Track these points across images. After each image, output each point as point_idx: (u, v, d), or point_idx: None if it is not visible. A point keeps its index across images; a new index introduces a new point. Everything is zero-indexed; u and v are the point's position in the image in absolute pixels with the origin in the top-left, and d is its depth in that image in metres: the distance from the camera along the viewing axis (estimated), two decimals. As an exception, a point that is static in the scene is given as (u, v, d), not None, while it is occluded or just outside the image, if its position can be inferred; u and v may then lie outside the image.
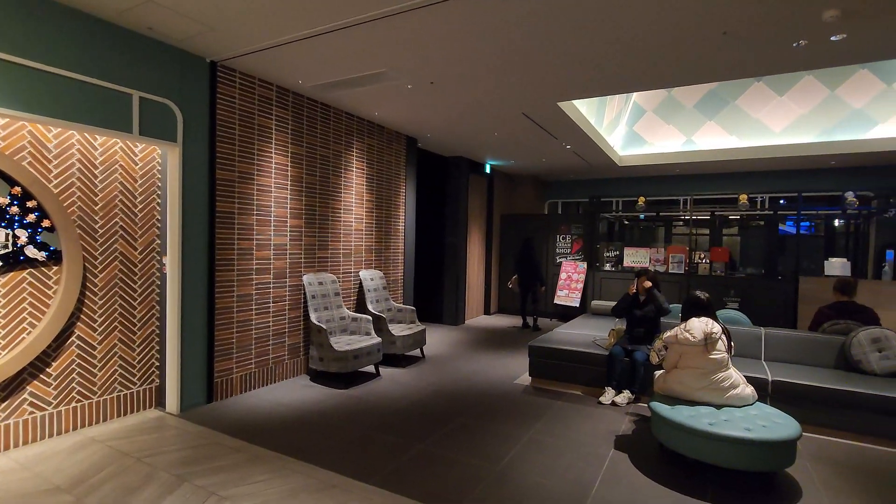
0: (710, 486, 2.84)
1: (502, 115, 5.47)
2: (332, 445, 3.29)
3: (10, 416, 3.06)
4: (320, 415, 3.86)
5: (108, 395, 3.57)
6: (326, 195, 5.23)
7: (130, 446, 3.18)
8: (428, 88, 4.58)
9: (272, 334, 4.61)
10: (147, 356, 3.81)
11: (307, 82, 4.48)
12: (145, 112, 3.50)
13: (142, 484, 2.70)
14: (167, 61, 3.65)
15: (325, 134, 5.19)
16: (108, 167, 3.53)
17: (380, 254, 6.18)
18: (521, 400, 4.34)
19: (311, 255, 5.05)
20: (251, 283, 4.37)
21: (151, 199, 3.80)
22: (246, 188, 4.30)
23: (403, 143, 6.60)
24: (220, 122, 4.04)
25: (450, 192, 8.12)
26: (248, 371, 4.37)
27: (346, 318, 5.14)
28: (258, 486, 2.71)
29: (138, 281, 3.73)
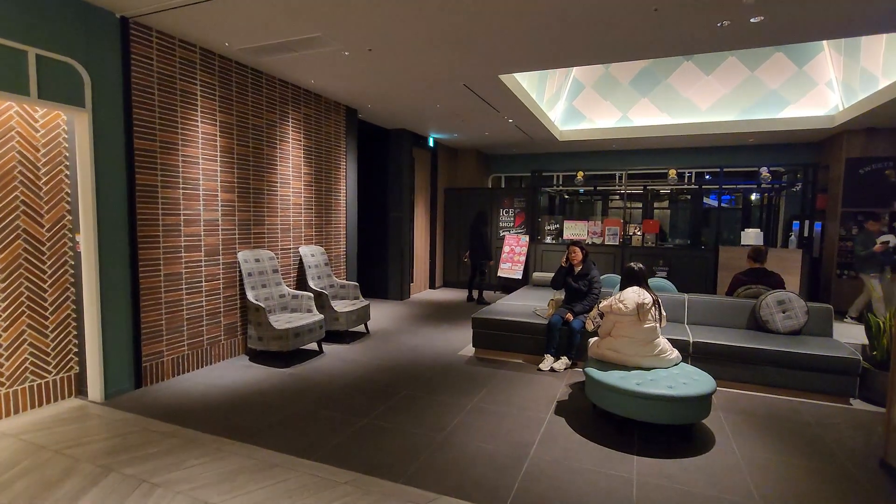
0: (637, 441, 3.06)
1: (444, 86, 5.39)
2: (272, 425, 3.22)
3: None
4: (260, 394, 3.76)
5: (19, 386, 3.27)
6: (261, 168, 4.97)
7: (47, 438, 2.95)
8: (366, 56, 4.41)
9: (206, 314, 4.39)
10: (63, 342, 3.51)
11: (234, 45, 4.17)
12: (44, 72, 3.12)
13: (62, 477, 2.52)
14: (69, 15, 3.25)
15: (256, 102, 4.89)
16: (5, 135, 3.13)
17: (320, 229, 6.00)
18: (464, 370, 4.44)
19: (245, 231, 4.81)
20: (180, 261, 4.11)
21: (59, 171, 3.44)
22: (170, 159, 3.99)
23: (343, 114, 6.37)
24: (136, 86, 3.69)
25: (392, 165, 7.98)
26: (180, 353, 4.15)
27: (286, 295, 4.98)
28: (193, 471, 2.61)
29: (47, 261, 3.40)
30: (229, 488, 2.45)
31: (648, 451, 2.93)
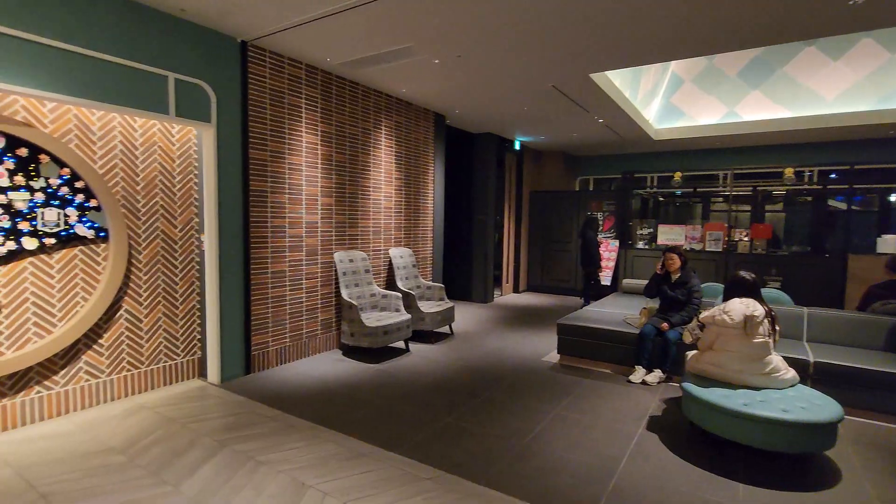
0: (742, 466, 2.79)
1: (531, 88, 5.34)
2: (361, 416, 3.40)
3: (69, 382, 3.30)
4: (351, 387, 3.98)
5: (155, 366, 3.79)
6: (356, 173, 5.28)
7: (176, 413, 3.38)
8: (455, 63, 4.51)
9: (305, 310, 4.75)
10: (189, 329, 4.01)
11: (335, 60, 4.48)
12: (180, 93, 3.60)
13: (187, 447, 2.88)
14: (200, 42, 3.72)
15: (353, 112, 5.21)
16: (148, 148, 3.66)
17: (409, 231, 6.23)
18: (548, 377, 4.35)
19: (341, 233, 5.14)
20: (284, 260, 4.50)
21: (189, 179, 3.94)
22: (278, 167, 4.38)
23: (431, 120, 6.56)
24: (251, 102, 4.11)
25: (478, 168, 8.05)
26: (283, 345, 4.53)
27: (377, 294, 5.24)
28: (292, 453, 2.84)
29: (179, 258, 3.90)
30: (322, 472, 2.63)
31: (757, 480, 2.65)
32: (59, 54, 2.96)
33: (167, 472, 2.59)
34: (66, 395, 3.29)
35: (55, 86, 2.95)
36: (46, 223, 3.12)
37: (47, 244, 3.13)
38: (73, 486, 2.45)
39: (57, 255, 3.21)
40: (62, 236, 3.20)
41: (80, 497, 2.35)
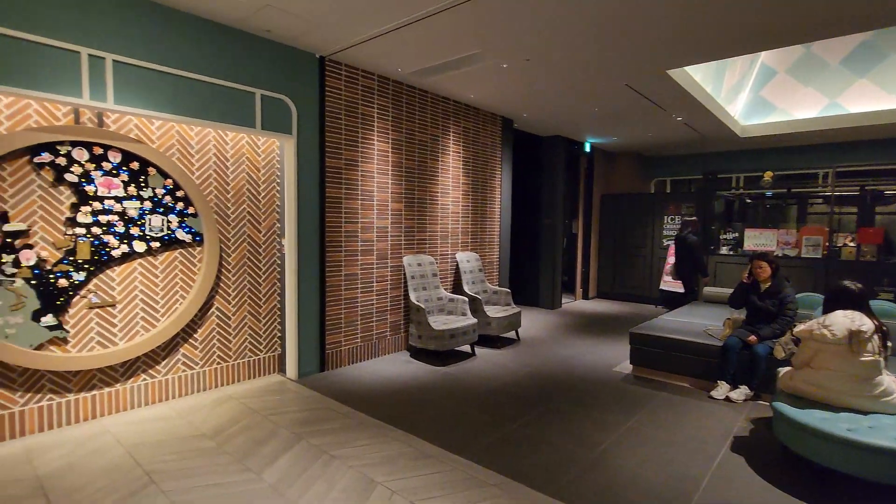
0: (846, 498, 2.50)
1: (603, 88, 5.17)
2: (428, 418, 3.45)
3: (169, 372, 3.66)
4: (418, 389, 4.06)
5: (241, 360, 4.10)
6: (424, 179, 5.40)
7: (259, 405, 3.63)
8: (523, 66, 4.47)
9: (375, 311, 4.92)
10: (271, 327, 4.30)
11: (405, 69, 4.62)
12: (266, 108, 3.89)
13: (267, 438, 3.09)
14: (282, 60, 3.99)
15: (422, 119, 5.33)
16: (238, 160, 3.99)
17: (475, 236, 6.25)
18: (620, 388, 4.17)
19: (410, 238, 5.27)
20: (356, 263, 4.69)
21: (272, 187, 4.24)
22: (351, 174, 4.59)
23: (499, 125, 6.55)
24: (328, 114, 4.35)
25: (546, 172, 7.91)
26: (354, 345, 4.73)
27: (444, 298, 5.31)
28: (363, 450, 2.95)
29: (262, 260, 4.20)
30: (390, 470, 2.70)
31: (862, 515, 2.37)
32: (165, 78, 3.31)
33: (250, 460, 2.79)
34: (166, 383, 3.65)
35: (162, 106, 3.30)
36: (153, 228, 3.49)
37: (153, 247, 3.51)
38: (172, 466, 2.72)
39: (160, 257, 3.58)
40: (165, 240, 3.56)
41: (178, 477, 2.60)
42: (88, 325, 3.25)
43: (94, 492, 2.45)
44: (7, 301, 2.90)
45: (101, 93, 3.03)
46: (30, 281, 2.99)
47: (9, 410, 2.96)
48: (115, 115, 3.27)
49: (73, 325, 3.18)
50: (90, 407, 3.28)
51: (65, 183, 3.11)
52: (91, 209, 3.21)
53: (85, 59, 2.95)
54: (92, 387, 3.29)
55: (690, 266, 6.59)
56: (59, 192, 3.10)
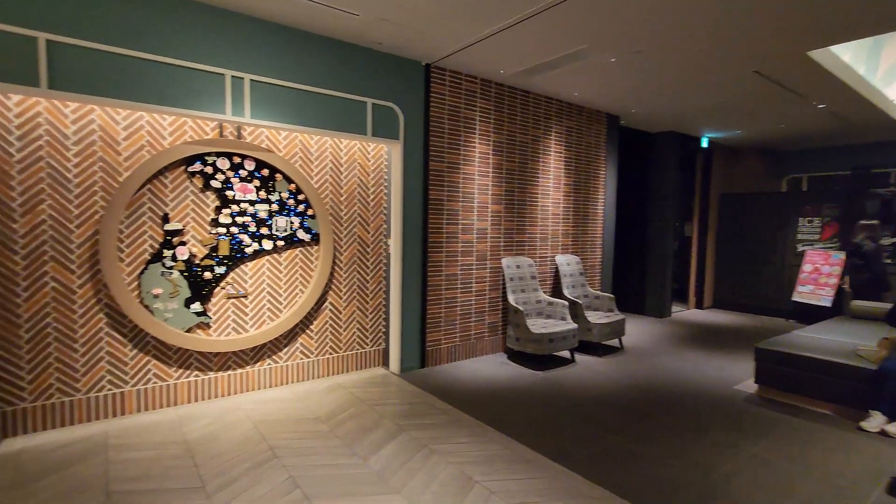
0: None
1: (726, 77, 4.69)
2: (526, 422, 3.41)
3: (289, 359, 4.05)
4: (516, 392, 4.03)
5: (350, 352, 4.40)
6: (524, 180, 5.35)
7: (365, 395, 3.87)
8: (634, 59, 4.23)
9: (474, 312, 4.98)
10: (376, 322, 4.55)
11: (508, 70, 4.61)
12: (376, 116, 4.13)
13: (373, 427, 3.28)
14: (391, 70, 4.21)
15: (524, 120, 5.28)
16: (350, 165, 4.29)
17: (577, 238, 6.04)
18: (741, 409, 3.76)
19: (509, 239, 5.25)
20: (456, 264, 4.79)
21: (380, 190, 4.49)
22: (453, 177, 4.70)
23: (604, 122, 6.26)
24: (432, 118, 4.50)
25: (655, 171, 7.39)
26: (453, 344, 4.83)
27: (542, 301, 5.21)
28: (461, 447, 3.00)
29: (370, 259, 4.47)
30: (489, 471, 2.71)
31: None
32: (291, 93, 3.67)
33: (358, 446, 2.99)
34: (286, 369, 4.04)
35: (289, 118, 3.67)
36: (278, 228, 3.89)
37: (278, 245, 3.91)
38: (291, 443, 3.00)
39: (284, 255, 3.97)
40: (288, 239, 3.95)
41: (296, 454, 2.87)
42: (226, 314, 3.72)
43: (230, 459, 2.79)
44: (167, 289, 3.43)
45: (240, 109, 3.45)
46: (183, 273, 3.49)
47: (166, 383, 3.49)
48: (251, 127, 3.70)
49: (214, 312, 3.66)
50: (226, 385, 3.75)
51: (211, 189, 3.59)
52: (230, 211, 3.66)
53: (228, 80, 3.38)
54: (228, 367, 3.75)
55: (869, 278, 5.64)
56: (206, 196, 3.58)
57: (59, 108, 3.03)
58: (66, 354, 3.13)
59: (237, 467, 2.70)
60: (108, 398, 3.28)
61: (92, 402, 3.23)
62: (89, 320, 3.20)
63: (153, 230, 3.39)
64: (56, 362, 3.10)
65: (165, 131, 3.39)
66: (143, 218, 3.34)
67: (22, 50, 2.72)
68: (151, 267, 3.37)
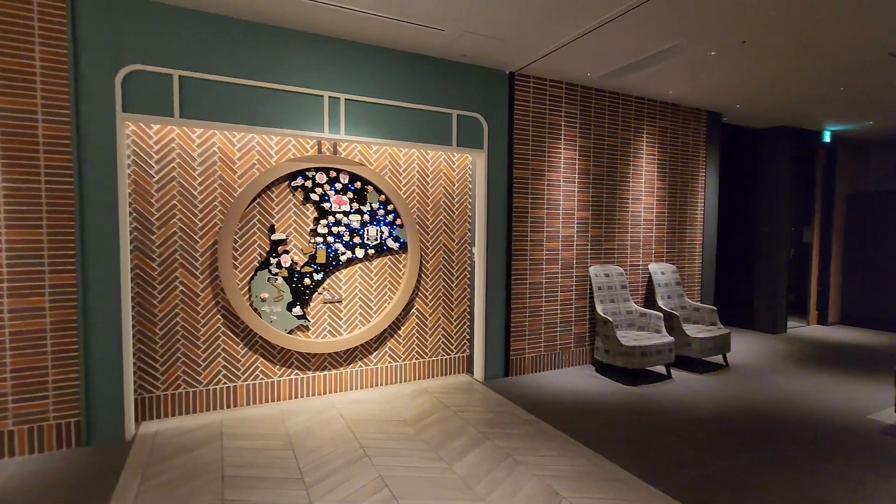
0: None
1: (853, 62, 4.14)
2: (615, 438, 3.24)
3: (378, 362, 4.24)
4: (604, 406, 3.85)
5: (435, 358, 4.50)
6: (613, 185, 5.12)
7: (449, 401, 3.93)
8: (738, 50, 3.89)
9: (559, 322, 4.85)
10: (461, 330, 4.61)
11: (595, 73, 4.47)
12: (461, 126, 4.22)
13: (457, 432, 3.31)
14: (475, 80, 4.28)
15: (612, 123, 5.08)
16: (435, 175, 4.41)
17: (672, 246, 5.65)
18: (877, 442, 3.25)
19: (597, 247, 5.06)
20: (541, 272, 4.71)
21: (465, 199, 4.56)
22: (537, 184, 4.64)
23: (703, 121, 5.81)
24: (516, 126, 4.49)
25: (765, 170, 6.69)
26: (537, 353, 4.74)
27: (634, 312, 4.93)
28: (547, 460, 2.93)
29: (455, 267, 4.55)
30: (576, 487, 2.62)
31: None
32: (381, 109, 3.88)
33: (443, 451, 3.04)
34: (376, 371, 4.23)
35: (379, 133, 3.87)
36: (369, 238, 4.11)
37: (369, 254, 4.12)
38: (380, 443, 3.13)
39: (374, 263, 4.18)
40: (378, 248, 4.15)
41: (385, 454, 2.98)
42: (322, 317, 3.99)
43: (326, 454, 2.98)
44: (272, 294, 3.76)
45: (336, 126, 3.71)
46: (287, 279, 3.81)
47: (270, 379, 3.82)
48: (345, 143, 3.96)
49: (312, 316, 3.94)
50: (322, 384, 4.01)
51: (310, 201, 3.89)
52: (327, 222, 3.94)
53: (326, 101, 3.65)
54: (324, 368, 4.01)
55: None
56: (306, 208, 3.88)
57: (188, 134, 3.48)
58: (191, 350, 3.56)
59: (332, 462, 2.87)
60: (223, 391, 3.66)
61: (210, 394, 3.62)
62: (210, 320, 3.60)
63: (261, 240, 3.74)
64: (183, 357, 3.53)
65: (272, 150, 3.74)
66: (254, 229, 3.71)
67: (161, 86, 3.17)
68: (260, 273, 3.72)
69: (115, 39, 3.03)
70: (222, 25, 3.32)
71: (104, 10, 3.01)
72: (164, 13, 3.15)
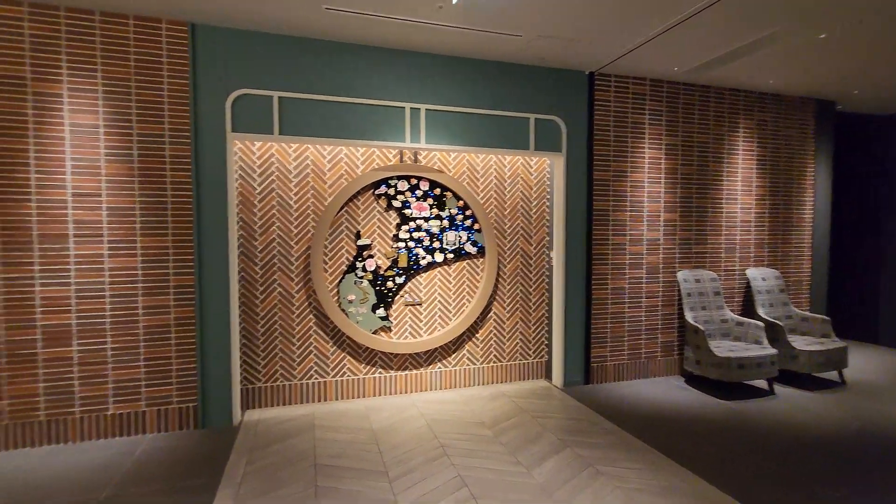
0: None
1: None
2: (709, 456, 3.04)
3: (457, 364, 4.33)
4: (694, 420, 3.61)
5: (512, 362, 4.50)
6: (705, 185, 4.80)
7: (527, 405, 3.91)
8: (855, 29, 3.49)
9: (644, 329, 4.63)
10: (539, 335, 4.57)
11: (682, 67, 4.23)
12: (538, 130, 4.20)
13: (536, 438, 3.29)
14: (553, 83, 4.23)
15: (702, 118, 4.76)
16: (513, 180, 4.43)
17: (774, 248, 5.16)
18: None
19: (686, 251, 4.76)
20: (623, 277, 4.53)
21: (542, 203, 4.52)
22: (619, 185, 4.48)
23: (811, 111, 5.25)
24: (596, 127, 4.37)
25: (891, 161, 5.87)
26: (620, 361, 4.55)
27: (729, 321, 4.57)
28: (630, 473, 2.82)
29: (532, 271, 4.52)
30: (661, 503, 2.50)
31: None
32: (459, 117, 3.97)
33: (521, 455, 3.04)
34: (454, 373, 4.32)
35: (458, 141, 3.97)
36: (448, 242, 4.22)
37: (448, 258, 4.23)
38: (459, 444, 3.20)
39: (453, 267, 4.28)
40: (457, 252, 4.24)
41: (464, 454, 3.05)
42: (403, 319, 4.16)
43: (408, 450, 3.11)
44: (358, 296, 4.00)
45: (417, 136, 3.87)
46: (371, 282, 4.03)
47: (356, 377, 4.05)
48: (425, 151, 4.11)
49: (395, 317, 4.13)
50: (403, 383, 4.18)
51: (392, 208, 4.08)
52: (408, 228, 4.11)
53: (407, 112, 3.82)
54: (405, 368, 4.18)
55: None
56: (388, 215, 4.08)
57: (285, 149, 3.81)
58: (287, 347, 3.88)
59: (413, 459, 2.99)
60: (314, 385, 3.95)
61: (303, 388, 3.93)
62: (303, 319, 3.91)
63: (348, 245, 3.99)
64: (280, 352, 3.87)
65: (359, 161, 3.98)
66: (342, 235, 3.97)
67: (263, 107, 3.51)
68: (347, 276, 3.97)
69: (225, 68, 3.42)
70: (312, 48, 3.60)
71: (217, 44, 3.40)
72: (264, 41, 3.50)
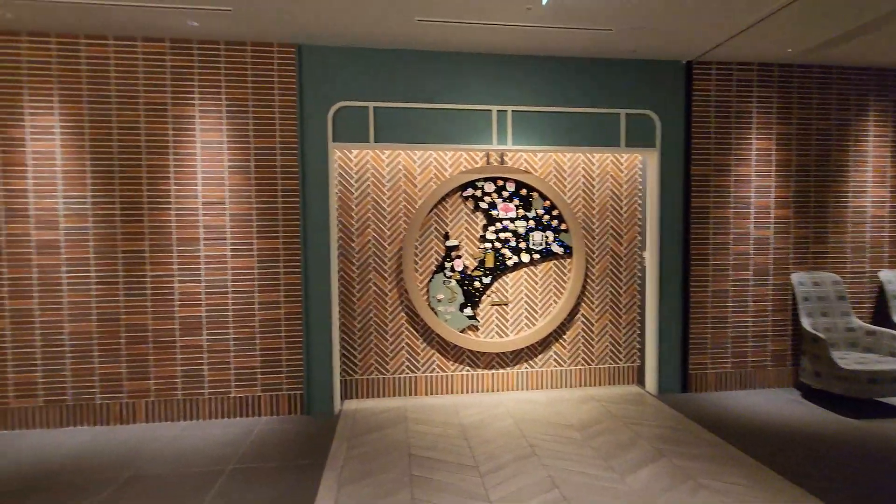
0: None
1: None
2: (826, 476, 2.74)
3: (543, 365, 4.30)
4: (812, 438, 3.27)
5: (602, 365, 4.37)
6: (825, 176, 4.30)
7: (618, 411, 3.79)
8: None
9: (751, 336, 4.26)
10: (630, 338, 4.39)
11: (798, 48, 3.83)
12: (629, 126, 4.04)
13: (629, 445, 3.19)
14: (645, 75, 4.05)
15: (823, 103, 4.27)
16: (602, 178, 4.30)
17: (916, 248, 4.48)
18: None
19: (802, 250, 4.31)
20: (727, 278, 4.21)
21: (634, 201, 4.34)
22: (722, 180, 4.17)
23: (967, 85, 4.48)
24: (694, 119, 4.11)
25: None
26: (723, 370, 4.24)
27: (857, 329, 4.06)
28: (735, 489, 2.63)
29: (623, 272, 4.36)
30: (777, 525, 2.31)
31: None
32: (545, 117, 3.95)
33: (614, 461, 2.96)
34: (540, 374, 4.30)
35: (544, 140, 3.95)
36: (534, 243, 4.21)
37: (534, 259, 4.22)
38: (547, 444, 3.20)
39: (539, 267, 4.26)
40: (543, 253, 4.22)
41: (553, 456, 3.04)
42: (490, 319, 4.22)
43: (497, 447, 3.17)
44: (447, 295, 4.13)
45: (504, 138, 3.91)
46: (459, 282, 4.15)
47: (445, 373, 4.19)
48: (511, 152, 4.14)
49: (481, 317, 4.20)
50: (490, 382, 4.24)
51: (479, 209, 4.16)
52: (495, 228, 4.16)
53: (494, 114, 3.88)
54: (492, 366, 4.24)
55: None
56: (475, 216, 4.17)
57: (379, 156, 4.05)
58: (381, 342, 4.12)
59: (503, 455, 3.05)
60: (406, 380, 4.15)
61: (396, 382, 4.14)
62: (396, 316, 4.12)
63: (437, 246, 4.14)
64: (375, 347, 4.11)
65: (447, 164, 4.12)
66: (431, 236, 4.13)
67: (360, 117, 3.76)
68: (436, 276, 4.12)
69: (327, 83, 3.72)
70: (402, 58, 3.79)
71: (320, 61, 3.70)
72: (360, 55, 3.74)
